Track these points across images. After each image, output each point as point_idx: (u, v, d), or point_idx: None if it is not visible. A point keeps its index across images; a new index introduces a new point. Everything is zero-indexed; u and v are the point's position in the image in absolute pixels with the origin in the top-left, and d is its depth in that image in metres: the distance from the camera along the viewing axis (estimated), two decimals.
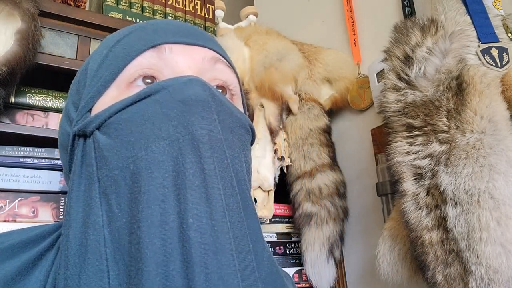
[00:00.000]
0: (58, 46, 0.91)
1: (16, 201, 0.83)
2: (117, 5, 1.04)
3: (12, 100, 0.86)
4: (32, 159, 0.85)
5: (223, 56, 0.42)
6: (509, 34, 0.76)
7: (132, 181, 0.33)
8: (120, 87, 0.37)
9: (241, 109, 0.43)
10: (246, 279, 0.32)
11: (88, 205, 0.34)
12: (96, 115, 0.36)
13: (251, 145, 0.43)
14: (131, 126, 0.34)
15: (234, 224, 0.33)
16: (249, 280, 0.32)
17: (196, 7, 1.18)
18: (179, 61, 0.37)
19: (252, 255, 0.34)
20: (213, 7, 1.22)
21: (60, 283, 0.33)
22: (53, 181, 0.87)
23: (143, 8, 1.08)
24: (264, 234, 1.07)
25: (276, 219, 1.10)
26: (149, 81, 0.37)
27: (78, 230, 0.33)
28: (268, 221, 1.04)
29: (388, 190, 0.92)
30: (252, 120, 1.03)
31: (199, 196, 0.31)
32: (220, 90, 0.40)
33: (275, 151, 1.05)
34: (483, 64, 0.73)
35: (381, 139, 1.00)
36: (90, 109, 0.37)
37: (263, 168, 1.01)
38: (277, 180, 1.06)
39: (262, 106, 1.06)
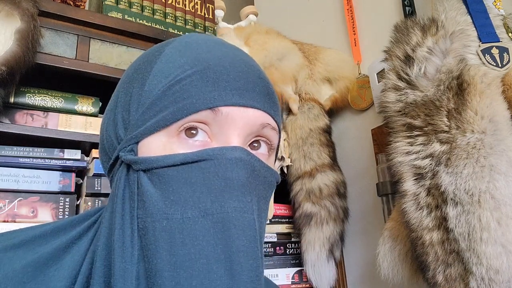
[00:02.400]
0: (58, 46, 0.90)
1: (16, 201, 0.83)
2: (117, 4, 1.04)
3: (12, 100, 0.86)
4: (31, 159, 0.85)
5: (272, 117, 0.43)
6: (510, 34, 0.76)
7: (159, 236, 0.36)
8: (170, 134, 0.39)
9: (274, 162, 0.46)
10: None
11: (129, 228, 0.38)
12: (145, 159, 0.39)
13: None
14: (174, 184, 0.37)
15: None
16: None
17: (196, 6, 1.18)
18: (231, 126, 0.40)
19: None
20: (213, 6, 1.21)
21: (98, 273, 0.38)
22: (52, 181, 0.87)
23: (142, 8, 1.08)
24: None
25: (276, 219, 1.10)
26: (194, 132, 0.40)
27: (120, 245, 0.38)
28: (268, 221, 1.04)
29: (389, 190, 0.92)
30: None
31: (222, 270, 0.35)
32: (256, 145, 0.43)
33: None
34: (484, 64, 0.73)
35: (381, 139, 0.99)
36: (138, 142, 0.40)
37: None
38: None
39: None
